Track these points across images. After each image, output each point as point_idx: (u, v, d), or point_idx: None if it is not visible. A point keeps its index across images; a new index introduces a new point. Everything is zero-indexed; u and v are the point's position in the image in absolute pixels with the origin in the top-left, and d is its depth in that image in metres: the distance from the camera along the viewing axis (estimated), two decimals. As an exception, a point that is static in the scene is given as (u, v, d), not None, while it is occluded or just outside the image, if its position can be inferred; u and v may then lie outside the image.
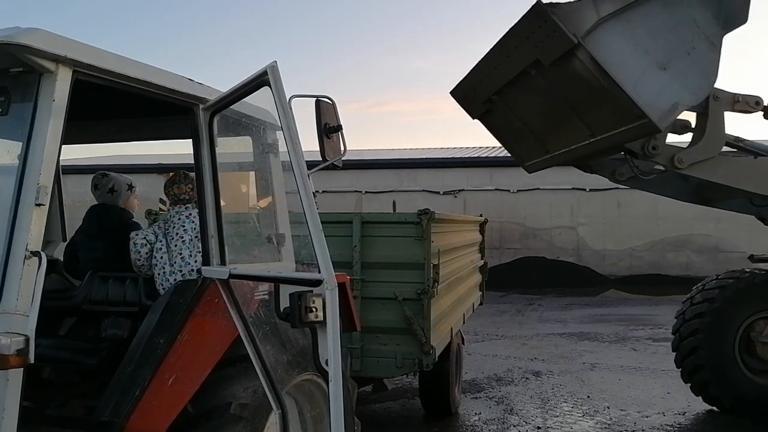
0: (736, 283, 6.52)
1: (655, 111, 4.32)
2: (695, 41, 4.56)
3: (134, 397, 2.57)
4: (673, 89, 4.44)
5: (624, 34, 4.34)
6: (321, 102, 2.54)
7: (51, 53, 2.22)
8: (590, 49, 4.15)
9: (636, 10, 4.38)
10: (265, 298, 2.97)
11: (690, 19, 4.58)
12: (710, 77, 4.62)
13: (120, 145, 22.81)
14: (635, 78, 4.31)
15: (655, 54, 4.42)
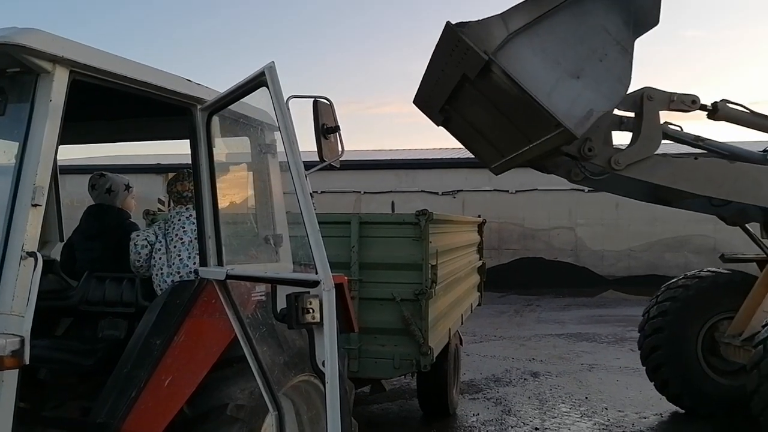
0: (699, 283, 6.59)
1: (571, 119, 4.47)
2: (607, 48, 4.70)
3: (130, 398, 2.56)
4: (587, 96, 4.57)
5: (534, 47, 4.52)
6: (319, 102, 2.54)
7: (48, 53, 2.21)
8: (502, 64, 4.32)
9: (545, 22, 4.54)
10: (263, 299, 2.96)
11: (599, 27, 4.70)
12: (624, 82, 4.74)
13: (118, 145, 22.76)
14: (548, 88, 4.47)
15: (567, 63, 4.58)
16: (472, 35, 4.30)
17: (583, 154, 4.89)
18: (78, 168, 14.57)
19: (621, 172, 5.02)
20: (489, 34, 4.34)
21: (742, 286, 6.29)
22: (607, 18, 4.73)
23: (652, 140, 5.10)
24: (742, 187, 5.28)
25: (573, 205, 17.94)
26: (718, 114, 5.47)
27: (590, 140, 4.84)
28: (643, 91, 5.07)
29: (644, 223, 17.01)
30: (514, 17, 4.42)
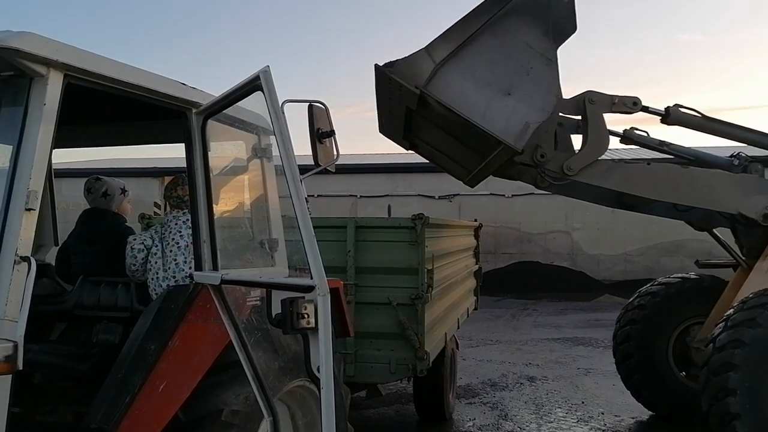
0: (667, 289, 6.62)
1: (510, 134, 4.69)
2: (532, 61, 4.89)
3: (124, 403, 2.55)
4: (520, 111, 4.78)
5: (463, 72, 4.74)
6: (314, 107, 2.54)
7: (42, 57, 2.21)
8: (434, 94, 4.58)
9: (468, 48, 4.75)
10: (258, 303, 2.95)
11: (521, 43, 4.89)
12: (554, 91, 4.90)
13: (115, 148, 22.68)
14: (482, 109, 4.70)
15: (497, 82, 4.80)
16: (401, 73, 4.57)
17: (536, 161, 5.02)
18: (74, 171, 14.55)
19: (574, 177, 5.13)
20: (417, 68, 4.59)
21: (713, 291, 6.31)
22: (528, 32, 4.91)
23: (599, 142, 5.20)
24: (694, 191, 5.35)
25: (569, 209, 17.96)
26: (670, 118, 5.58)
27: (541, 147, 4.99)
28: (584, 95, 5.21)
29: (640, 227, 17.02)
30: (438, 48, 4.65)
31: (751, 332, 4.71)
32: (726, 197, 5.36)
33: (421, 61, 4.62)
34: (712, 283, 6.56)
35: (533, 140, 4.86)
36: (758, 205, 5.31)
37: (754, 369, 4.65)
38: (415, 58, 4.64)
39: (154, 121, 3.35)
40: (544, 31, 4.96)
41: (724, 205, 5.40)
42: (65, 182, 13.95)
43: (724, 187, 5.38)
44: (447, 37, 4.72)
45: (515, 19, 4.91)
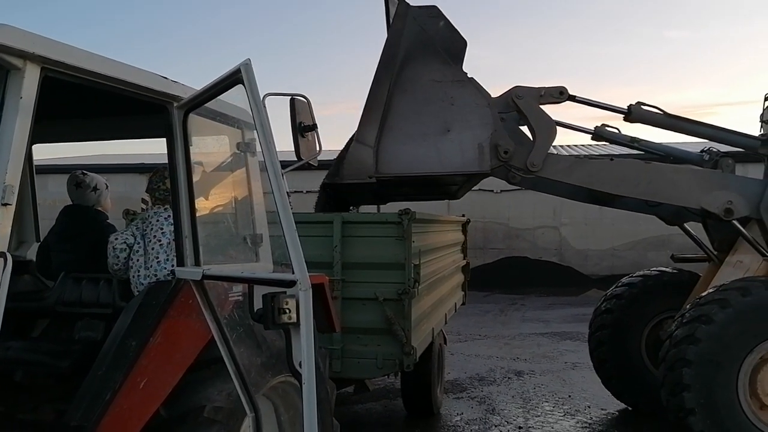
0: (644, 281, 6.70)
1: (471, 163, 5.03)
2: (448, 93, 5.14)
3: (105, 400, 2.52)
4: (467, 138, 5.05)
5: (398, 139, 5.04)
6: (296, 100, 2.52)
7: (18, 49, 2.16)
8: (387, 173, 4.96)
9: (390, 116, 5.05)
10: (240, 299, 2.93)
11: (429, 83, 5.14)
12: (482, 103, 5.15)
13: (100, 144, 22.47)
14: (435, 158, 5.00)
15: (432, 129, 5.06)
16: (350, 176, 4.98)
17: (502, 159, 5.14)
18: (60, 168, 14.41)
19: (539, 173, 5.24)
20: (360, 162, 4.94)
21: (687, 285, 6.38)
22: (429, 71, 5.16)
23: (546, 130, 5.30)
24: (656, 187, 5.41)
25: (557, 204, 18.00)
26: (632, 116, 5.68)
27: (499, 145, 5.12)
28: (511, 92, 5.33)
29: (627, 222, 17.10)
30: (365, 134, 4.99)
31: (704, 328, 4.73)
32: (688, 192, 5.41)
33: (359, 153, 4.96)
34: (686, 278, 6.61)
35: (491, 146, 5.06)
36: (720, 200, 5.34)
37: (708, 364, 4.68)
38: (352, 154, 5.00)
39: (135, 115, 3.31)
40: (441, 62, 5.19)
41: (686, 200, 5.45)
42: (51, 178, 13.84)
43: (686, 183, 5.43)
44: (366, 119, 5.03)
45: (411, 68, 5.14)
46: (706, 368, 4.68)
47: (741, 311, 4.75)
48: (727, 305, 4.78)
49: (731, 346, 4.71)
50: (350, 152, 5.08)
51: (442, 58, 5.22)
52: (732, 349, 4.71)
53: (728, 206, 5.33)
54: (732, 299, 4.80)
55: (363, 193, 5.66)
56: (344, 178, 5.12)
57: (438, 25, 5.27)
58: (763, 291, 4.82)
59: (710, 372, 4.68)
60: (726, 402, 4.66)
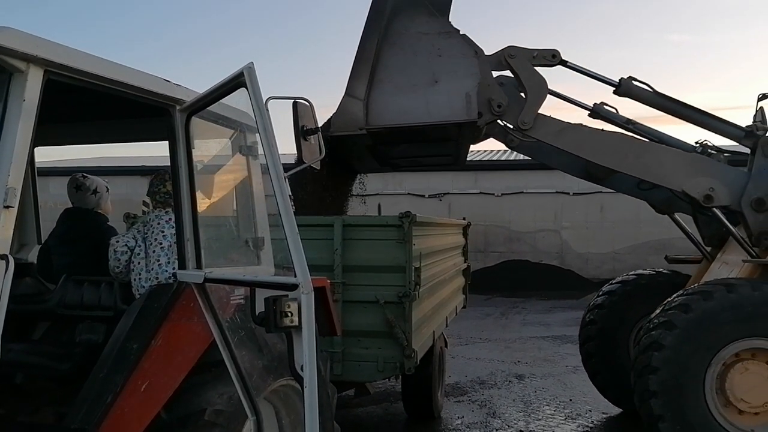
0: (638, 280, 6.74)
1: (459, 113, 5.08)
2: (435, 44, 5.19)
3: (106, 403, 2.51)
4: (454, 88, 5.11)
5: (387, 92, 5.11)
6: (298, 104, 2.52)
7: (22, 52, 2.17)
8: (377, 124, 5.03)
9: (378, 70, 5.11)
10: (242, 302, 2.92)
11: (417, 35, 5.20)
12: (470, 53, 5.20)
13: (102, 146, 22.42)
14: (424, 108, 5.07)
15: (420, 80, 5.13)
16: (341, 127, 5.01)
17: (495, 113, 5.21)
18: (61, 170, 14.42)
19: (530, 133, 5.30)
20: (351, 114, 4.99)
21: (677, 286, 6.32)
22: (416, 24, 5.21)
23: (537, 87, 5.35)
24: (643, 163, 5.40)
25: (558, 207, 18.03)
26: (621, 89, 5.69)
27: (492, 99, 5.19)
28: (504, 51, 5.39)
29: (629, 225, 17.12)
30: (355, 87, 5.05)
31: (668, 334, 4.71)
32: (673, 174, 5.38)
33: (349, 106, 5.03)
34: (677, 279, 6.57)
35: (483, 99, 5.13)
36: (702, 185, 5.31)
37: (674, 370, 4.66)
38: (343, 107, 5.05)
39: (138, 118, 3.31)
40: (428, 14, 5.24)
41: (670, 181, 5.42)
42: (52, 180, 13.85)
43: (673, 164, 5.41)
44: (356, 73, 5.09)
45: (398, 21, 5.19)
46: (671, 374, 4.66)
47: (703, 316, 4.71)
48: (689, 310, 4.74)
49: (695, 351, 4.68)
50: (341, 105, 5.11)
51: (428, 11, 5.30)
52: (697, 353, 4.69)
53: (709, 193, 5.29)
54: (694, 304, 4.76)
55: (359, 149, 5.60)
56: (335, 130, 5.10)
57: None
58: (725, 294, 4.76)
59: (676, 378, 4.66)
60: (694, 407, 4.65)
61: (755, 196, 5.29)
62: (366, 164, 6.47)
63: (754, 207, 5.29)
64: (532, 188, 17.89)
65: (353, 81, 5.10)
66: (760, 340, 4.74)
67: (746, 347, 4.74)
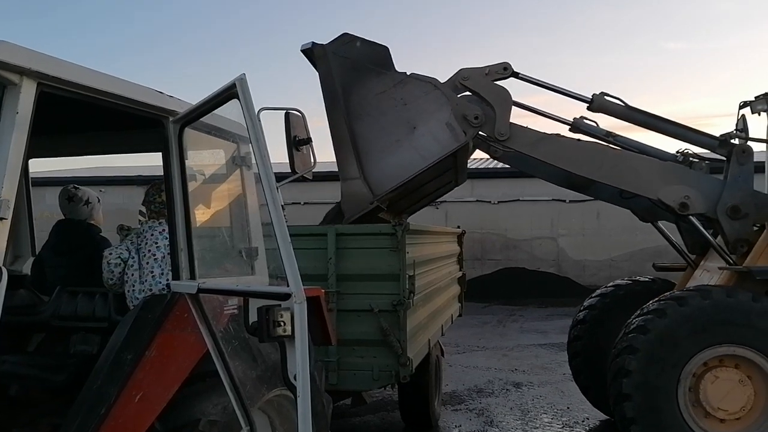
0: (629, 286, 6.72)
1: (449, 143, 5.32)
2: (396, 96, 5.45)
3: (100, 414, 2.51)
4: (434, 125, 5.34)
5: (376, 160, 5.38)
6: (290, 114, 2.54)
7: (15, 65, 2.18)
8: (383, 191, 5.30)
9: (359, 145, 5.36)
10: (236, 312, 2.93)
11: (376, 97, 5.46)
12: (430, 90, 5.44)
13: (97, 157, 22.37)
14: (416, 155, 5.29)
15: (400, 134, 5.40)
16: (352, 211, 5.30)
17: (474, 125, 5.37)
18: (56, 180, 14.40)
19: (508, 143, 5.46)
20: (356, 195, 5.29)
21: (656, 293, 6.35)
22: (370, 87, 5.46)
23: (501, 98, 5.50)
24: (619, 173, 5.47)
25: (555, 215, 18.05)
26: (594, 105, 5.78)
27: (466, 114, 5.37)
28: (456, 76, 5.58)
29: (625, 233, 17.13)
30: (347, 169, 5.30)
31: (642, 338, 4.75)
32: (649, 182, 5.42)
33: (351, 189, 5.30)
34: (663, 286, 6.56)
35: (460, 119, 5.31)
36: (677, 194, 5.35)
37: (646, 374, 4.70)
38: (346, 192, 5.33)
39: (132, 129, 3.33)
40: (376, 75, 5.50)
41: (645, 189, 5.46)
42: (48, 191, 13.84)
43: (648, 172, 5.45)
44: (341, 158, 5.35)
45: (354, 95, 5.44)
46: (644, 378, 4.70)
47: (677, 321, 4.75)
48: (663, 315, 4.79)
49: (668, 355, 4.72)
50: (343, 192, 5.35)
51: (375, 72, 5.51)
52: (669, 358, 4.72)
53: (684, 201, 5.33)
54: (669, 309, 4.80)
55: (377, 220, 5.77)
56: (350, 216, 5.32)
57: (356, 47, 5.55)
58: (699, 301, 4.80)
59: (649, 381, 4.69)
60: (666, 411, 4.68)
61: (730, 204, 5.33)
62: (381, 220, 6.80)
63: (730, 215, 5.34)
64: (529, 196, 17.92)
65: (343, 166, 5.33)
66: (722, 347, 4.76)
67: (711, 356, 4.77)
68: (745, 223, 5.34)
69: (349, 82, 5.45)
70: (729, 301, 4.78)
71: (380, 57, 5.59)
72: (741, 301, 4.77)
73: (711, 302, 4.78)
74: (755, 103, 5.96)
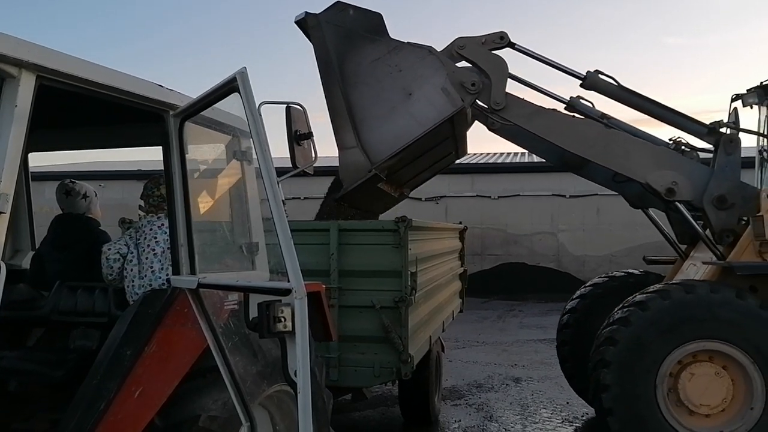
0: (610, 282, 6.79)
1: (446, 108, 5.25)
2: (391, 63, 5.42)
3: (99, 410, 2.50)
4: (429, 90, 5.30)
5: (373, 127, 5.34)
6: (291, 108, 2.51)
7: (13, 58, 2.16)
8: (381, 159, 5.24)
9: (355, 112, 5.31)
10: (236, 308, 2.91)
11: (371, 64, 5.42)
12: (425, 56, 5.40)
13: (97, 151, 22.41)
14: (413, 122, 5.25)
15: (396, 101, 5.37)
16: (351, 180, 5.25)
17: (471, 92, 5.37)
18: (57, 174, 14.38)
19: (503, 113, 5.44)
20: (354, 164, 5.23)
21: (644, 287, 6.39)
22: (364, 57, 5.43)
23: (495, 67, 5.50)
24: (610, 152, 5.45)
25: (555, 210, 18.04)
26: (587, 83, 5.79)
27: (464, 81, 5.37)
28: (453, 44, 5.58)
29: (625, 228, 17.12)
30: (345, 138, 5.26)
31: (624, 330, 4.76)
32: (638, 165, 5.40)
33: (349, 157, 5.26)
34: (657, 280, 6.54)
35: (457, 85, 5.31)
36: (666, 178, 5.32)
37: (625, 366, 4.71)
38: (344, 161, 5.28)
39: (132, 123, 3.30)
40: (370, 42, 5.45)
41: (635, 172, 5.44)
42: (48, 185, 13.82)
43: (640, 155, 5.43)
44: (338, 127, 5.31)
45: (348, 62, 5.40)
46: (623, 370, 4.71)
47: (659, 315, 4.75)
48: (646, 308, 4.79)
49: (649, 348, 4.72)
50: (341, 161, 5.28)
51: (369, 39, 5.46)
52: (650, 351, 4.72)
53: (672, 186, 5.31)
54: (651, 302, 4.80)
55: (373, 192, 5.70)
56: (348, 185, 5.25)
57: (349, 15, 5.49)
58: (682, 295, 4.79)
59: (628, 373, 4.71)
60: (644, 404, 4.68)
61: (717, 194, 5.32)
62: (384, 202, 6.72)
63: (716, 204, 5.32)
64: (529, 191, 17.91)
65: (340, 134, 5.28)
66: (691, 344, 4.75)
67: (683, 354, 4.77)
68: (731, 213, 5.32)
69: (343, 51, 5.42)
70: (688, 298, 4.77)
71: (374, 24, 5.56)
72: (700, 296, 4.77)
73: (671, 302, 4.77)
74: (747, 96, 5.96)
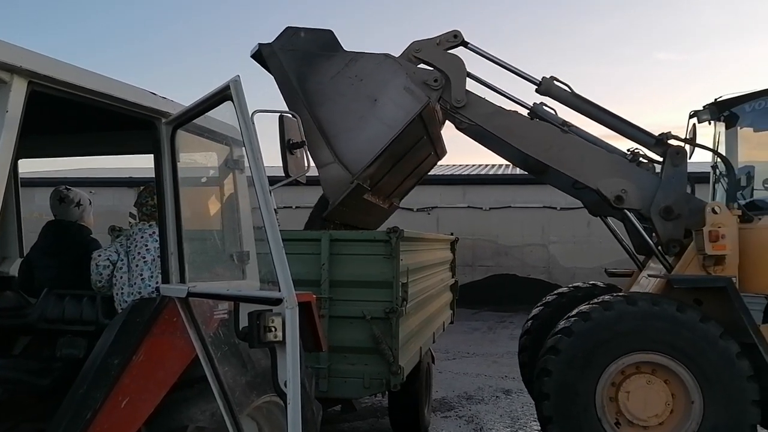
0: (575, 292, 6.82)
1: (412, 106, 5.34)
2: (350, 74, 5.53)
3: (85, 419, 2.47)
4: (393, 92, 5.41)
5: (346, 140, 5.39)
6: (285, 117, 2.51)
7: (5, 63, 2.15)
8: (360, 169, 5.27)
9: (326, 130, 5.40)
10: (226, 317, 2.89)
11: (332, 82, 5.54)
12: (380, 60, 5.50)
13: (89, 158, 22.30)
14: (384, 127, 5.35)
15: (363, 110, 5.42)
16: (334, 195, 5.31)
17: (435, 88, 5.47)
18: (47, 181, 14.30)
19: (463, 111, 5.51)
20: (336, 178, 5.31)
21: None
22: (322, 74, 5.56)
23: (454, 65, 5.58)
24: (565, 157, 5.50)
25: (546, 222, 18.10)
26: (542, 88, 5.84)
27: (426, 79, 5.44)
28: (408, 49, 5.67)
29: (615, 241, 17.15)
30: (320, 156, 5.32)
31: (566, 340, 4.78)
32: (591, 171, 5.44)
33: (329, 173, 5.35)
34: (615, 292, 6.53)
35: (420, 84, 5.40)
36: (616, 185, 5.36)
37: (565, 375, 4.74)
38: (324, 178, 5.35)
39: (123, 130, 3.29)
40: (326, 59, 5.58)
41: (587, 178, 5.47)
42: (38, 192, 13.73)
43: (593, 161, 5.46)
44: (313, 146, 5.31)
45: (309, 83, 5.52)
46: (564, 379, 4.73)
47: (600, 326, 4.76)
48: (588, 318, 4.80)
49: (589, 359, 4.73)
50: (322, 178, 5.36)
51: (325, 57, 5.58)
52: (590, 362, 4.74)
53: (620, 194, 5.34)
54: (594, 313, 4.82)
55: (360, 205, 5.74)
56: (334, 199, 5.29)
57: (301, 38, 5.61)
58: (624, 306, 4.80)
59: (568, 383, 4.72)
60: (582, 414, 4.69)
61: (663, 205, 5.34)
62: (376, 216, 6.78)
63: (662, 215, 5.34)
64: (520, 203, 17.97)
65: (316, 153, 5.33)
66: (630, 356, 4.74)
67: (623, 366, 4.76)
68: (677, 224, 5.34)
69: (303, 73, 5.52)
70: (629, 310, 4.77)
71: (326, 41, 5.66)
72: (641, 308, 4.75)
73: (612, 313, 4.77)
74: (701, 113, 6.02)
